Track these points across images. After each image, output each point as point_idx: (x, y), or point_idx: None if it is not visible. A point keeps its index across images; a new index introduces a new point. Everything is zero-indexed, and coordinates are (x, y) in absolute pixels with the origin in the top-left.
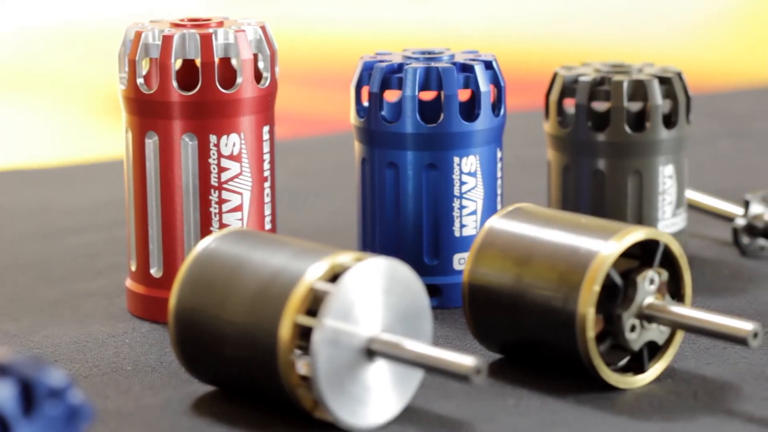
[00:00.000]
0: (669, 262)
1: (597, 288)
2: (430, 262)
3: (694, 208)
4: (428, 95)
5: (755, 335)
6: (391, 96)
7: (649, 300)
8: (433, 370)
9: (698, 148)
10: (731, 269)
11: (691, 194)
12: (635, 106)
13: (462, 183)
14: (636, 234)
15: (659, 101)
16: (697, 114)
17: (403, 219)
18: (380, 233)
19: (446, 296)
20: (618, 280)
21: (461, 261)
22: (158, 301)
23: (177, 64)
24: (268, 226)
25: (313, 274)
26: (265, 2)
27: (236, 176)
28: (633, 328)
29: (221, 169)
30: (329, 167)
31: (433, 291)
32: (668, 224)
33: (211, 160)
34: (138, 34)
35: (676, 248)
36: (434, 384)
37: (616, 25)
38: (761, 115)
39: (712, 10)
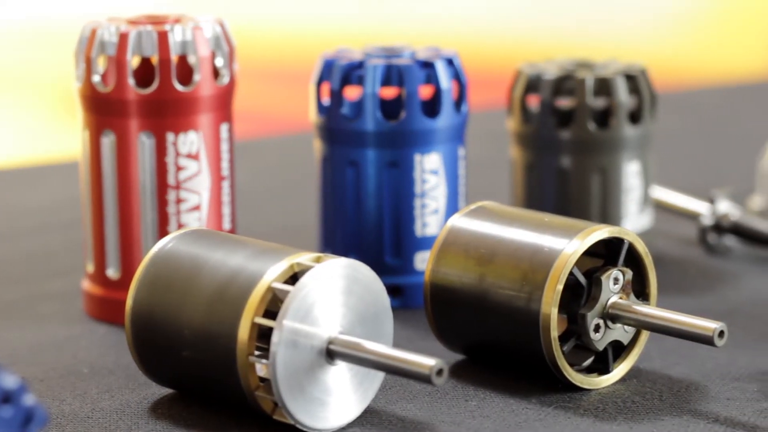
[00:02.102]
0: (634, 260)
1: (560, 287)
2: (392, 262)
3: (660, 205)
4: (389, 92)
5: (721, 334)
6: (351, 93)
7: (614, 299)
8: (393, 371)
9: (665, 145)
10: (698, 268)
11: (658, 192)
12: (600, 103)
13: (424, 181)
14: (600, 232)
15: (624, 98)
16: (664, 111)
17: (365, 218)
18: (341, 232)
19: (408, 296)
20: (582, 279)
21: (423, 260)
22: (115, 302)
23: (134, 61)
24: (227, 226)
25: (272, 274)
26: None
27: (194, 175)
28: (597, 328)
29: (179, 168)
30: (290, 166)
31: (395, 291)
32: (634, 222)
33: (168, 159)
34: (94, 32)
35: (641, 247)
36: (396, 385)
37: (582, 20)
38: (728, 112)
39: (679, 7)
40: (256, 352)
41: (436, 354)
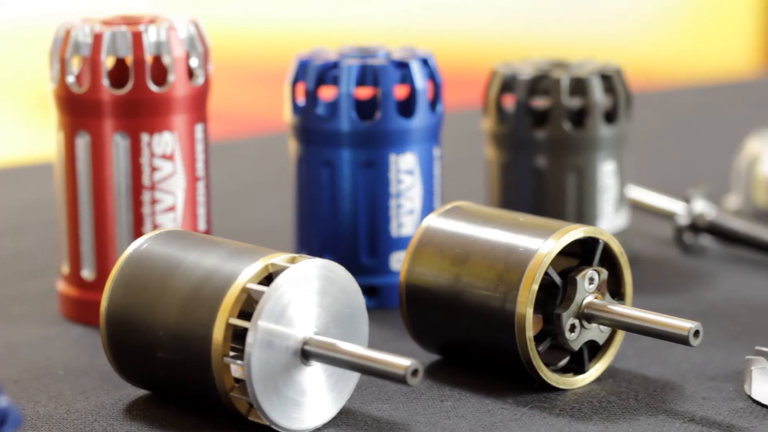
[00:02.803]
0: (609, 260)
1: (536, 287)
2: (368, 262)
3: (636, 205)
4: (364, 93)
5: (696, 334)
6: (326, 94)
7: (589, 299)
8: (368, 371)
9: (641, 145)
10: (673, 267)
11: (634, 191)
12: (575, 103)
13: (399, 181)
14: (575, 232)
15: (599, 98)
16: (641, 110)
17: (340, 218)
18: (316, 233)
19: (384, 296)
20: (557, 279)
21: (399, 261)
22: (90, 303)
23: (108, 62)
24: (202, 227)
25: (246, 275)
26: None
27: (169, 176)
28: (573, 328)
29: (154, 169)
30: (265, 166)
31: (370, 291)
32: (609, 222)
33: (143, 160)
34: (68, 32)
35: (616, 246)
36: (372, 386)
37: (558, 20)
38: (704, 112)
39: (655, 7)
40: (231, 353)
41: (412, 354)
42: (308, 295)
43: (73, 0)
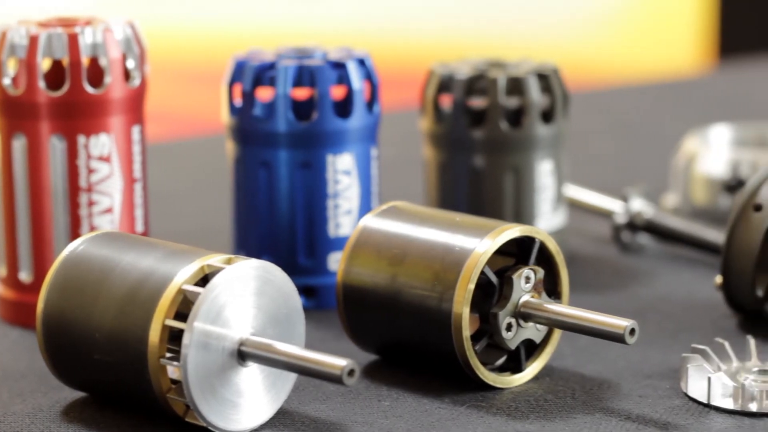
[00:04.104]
0: (546, 259)
1: (472, 287)
2: (305, 263)
3: (574, 204)
4: (301, 93)
5: (632, 332)
6: (263, 95)
7: (525, 298)
8: (305, 372)
9: (580, 144)
10: (611, 266)
11: (572, 190)
12: (512, 103)
13: (336, 182)
14: (511, 231)
15: (536, 97)
16: (580, 110)
17: (277, 219)
18: (254, 234)
19: (322, 297)
20: (493, 278)
21: (337, 261)
22: (28, 306)
23: (44, 64)
24: (140, 229)
25: (182, 276)
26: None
27: (106, 178)
28: (509, 327)
29: (90, 171)
30: (204, 168)
31: (308, 292)
32: (547, 221)
33: (80, 162)
34: (4, 34)
35: (552, 245)
36: (309, 386)
37: (499, 21)
38: (644, 111)
39: (594, 7)
40: (168, 355)
41: (350, 355)
42: (244, 296)
43: (8, 2)
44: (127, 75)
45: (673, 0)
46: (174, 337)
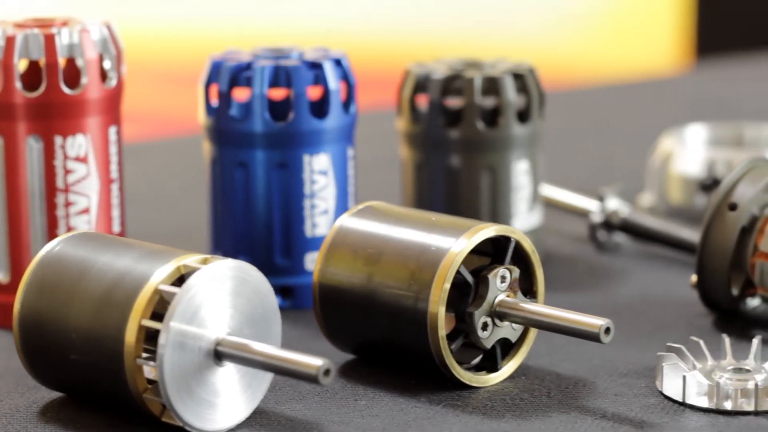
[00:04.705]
0: (521, 258)
1: (447, 286)
2: (282, 263)
3: (550, 203)
4: (278, 94)
5: (607, 331)
6: (240, 95)
7: (501, 297)
8: (281, 371)
9: (556, 144)
10: (587, 265)
11: (548, 190)
12: (488, 102)
13: (313, 182)
14: (486, 231)
15: (512, 97)
16: (558, 109)
17: (254, 219)
18: (231, 234)
19: (299, 297)
20: (469, 277)
21: (313, 261)
22: (5, 306)
23: (21, 65)
24: (117, 229)
25: (158, 276)
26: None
27: (83, 178)
28: (485, 326)
29: (67, 172)
30: (181, 168)
31: (285, 292)
32: (524, 220)
33: (56, 163)
34: None
35: (528, 245)
36: (286, 386)
37: (476, 21)
38: (621, 110)
39: (571, 7)
40: (144, 355)
41: (326, 354)
42: (221, 295)
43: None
44: (103, 75)
45: (651, 0)
46: (150, 337)
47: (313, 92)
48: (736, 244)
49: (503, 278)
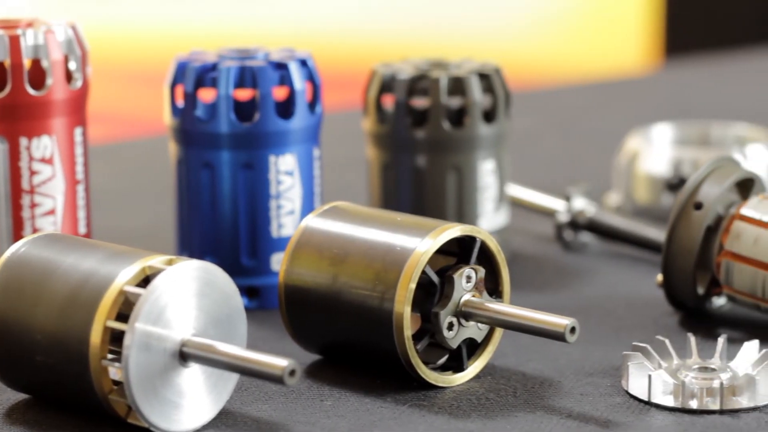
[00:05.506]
0: (487, 258)
1: (413, 286)
2: (248, 263)
3: (517, 203)
4: (244, 94)
5: (572, 330)
6: (206, 96)
7: (466, 297)
8: (246, 372)
9: (523, 144)
10: (554, 264)
11: (514, 190)
12: (454, 102)
13: (279, 182)
14: (452, 231)
15: (478, 97)
16: (523, 109)
17: (220, 220)
18: (197, 235)
19: (265, 297)
20: (434, 277)
21: (279, 261)
22: None
23: None
24: (83, 230)
25: (123, 277)
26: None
27: (48, 180)
28: (451, 326)
29: (33, 173)
30: (148, 169)
31: (251, 292)
32: (490, 220)
33: (22, 164)
34: None
35: (493, 245)
36: (252, 387)
37: (441, 21)
38: (588, 110)
39: (540, 7)
40: (110, 356)
41: (293, 355)
42: (186, 296)
43: None
44: (69, 76)
45: (619, 0)
46: (115, 339)
47: (279, 93)
48: (701, 244)
49: (469, 278)
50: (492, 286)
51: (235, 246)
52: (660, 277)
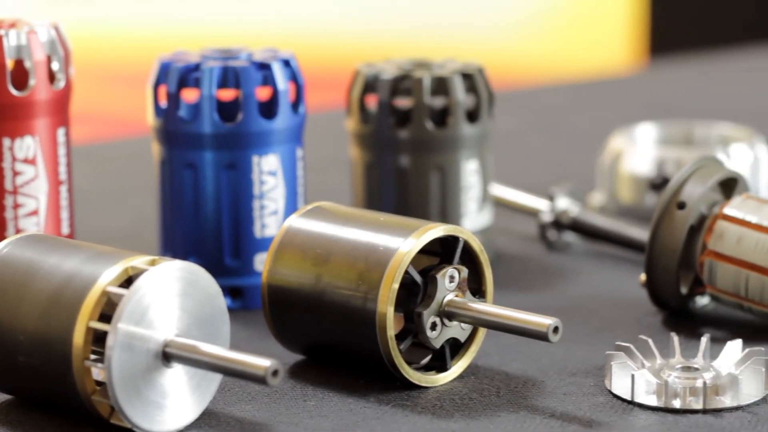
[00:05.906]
0: (470, 258)
1: (396, 286)
2: (232, 264)
3: (500, 203)
4: (227, 95)
5: (555, 330)
6: (189, 96)
7: (450, 297)
8: (229, 372)
9: (506, 144)
10: (537, 264)
11: (497, 189)
12: (437, 102)
13: (262, 183)
14: (435, 231)
15: (461, 97)
16: (507, 109)
17: (203, 220)
18: (180, 235)
19: (248, 297)
20: (417, 277)
21: (263, 262)
22: None
23: None
24: (65, 231)
25: (106, 278)
26: (63, 2)
27: (32, 180)
28: (434, 326)
29: (15, 174)
30: (131, 169)
31: (235, 293)
32: (473, 220)
33: (5, 164)
34: None
35: (476, 244)
36: (235, 387)
37: (425, 21)
38: (572, 109)
39: (524, 7)
40: (92, 356)
41: (276, 355)
42: (169, 297)
43: None
44: (51, 77)
45: (604, 0)
46: (98, 339)
47: (262, 93)
48: (684, 243)
49: (452, 278)
50: (475, 286)
51: (218, 246)
52: (643, 277)
